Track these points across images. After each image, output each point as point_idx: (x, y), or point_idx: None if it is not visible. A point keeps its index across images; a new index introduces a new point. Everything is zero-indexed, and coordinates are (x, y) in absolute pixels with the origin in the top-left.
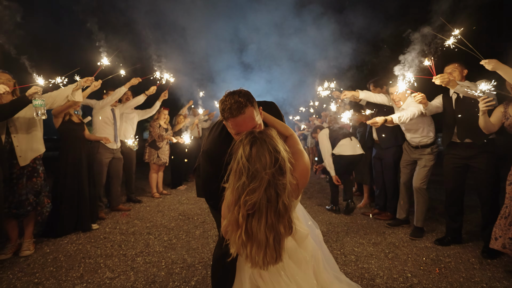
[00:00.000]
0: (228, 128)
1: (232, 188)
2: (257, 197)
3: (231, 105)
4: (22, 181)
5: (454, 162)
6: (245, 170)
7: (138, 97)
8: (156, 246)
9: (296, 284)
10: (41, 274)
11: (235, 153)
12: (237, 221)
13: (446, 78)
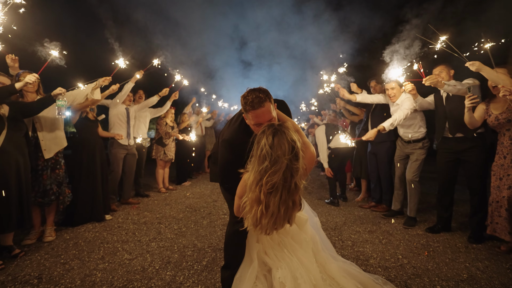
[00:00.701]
0: (247, 120)
1: (254, 171)
2: (277, 178)
3: (253, 99)
4: (47, 172)
5: (446, 156)
6: (268, 156)
7: (152, 98)
8: (168, 233)
9: (297, 258)
10: (66, 256)
11: (258, 142)
12: (258, 198)
13: (435, 79)
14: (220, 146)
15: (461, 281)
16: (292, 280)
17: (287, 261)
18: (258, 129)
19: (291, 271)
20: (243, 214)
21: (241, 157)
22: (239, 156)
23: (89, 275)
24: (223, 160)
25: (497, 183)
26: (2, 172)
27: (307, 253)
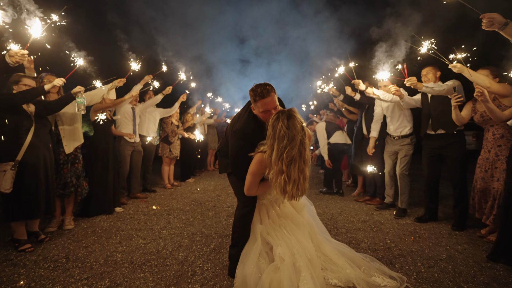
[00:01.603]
0: (255, 110)
1: (276, 149)
2: (294, 152)
3: (262, 90)
4: (67, 166)
5: (430, 152)
6: (286, 135)
7: (156, 96)
8: (177, 223)
9: (295, 237)
10: (86, 241)
11: (273, 126)
12: (281, 170)
13: (414, 82)
14: (231, 137)
15: (440, 260)
16: (290, 255)
17: (286, 240)
18: (265, 116)
19: (289, 248)
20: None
21: (252, 143)
22: (250, 142)
23: (110, 256)
24: (236, 148)
25: (482, 175)
26: (32, 164)
27: (304, 234)
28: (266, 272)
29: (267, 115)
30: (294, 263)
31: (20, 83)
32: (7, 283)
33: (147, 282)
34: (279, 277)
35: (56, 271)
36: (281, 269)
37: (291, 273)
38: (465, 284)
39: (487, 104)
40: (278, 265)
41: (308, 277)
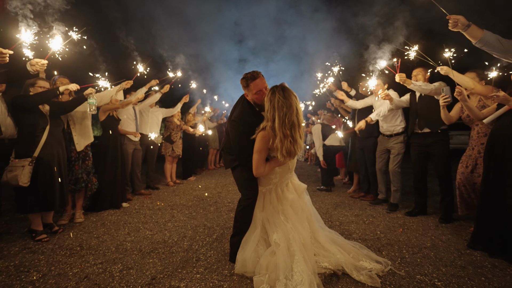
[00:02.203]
0: (249, 95)
1: (277, 117)
2: (293, 117)
3: (252, 73)
4: (79, 163)
5: (417, 149)
6: (284, 104)
7: (155, 95)
8: (180, 216)
9: (292, 224)
10: (97, 232)
11: (270, 100)
12: (286, 134)
13: (403, 78)
14: (231, 126)
15: (424, 248)
16: (285, 241)
17: (282, 227)
18: (259, 97)
19: (284, 235)
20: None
21: (250, 128)
22: (249, 127)
23: (121, 245)
24: (237, 135)
25: (463, 170)
26: (47, 161)
27: (301, 220)
28: (263, 256)
29: (260, 96)
30: (288, 247)
31: (36, 85)
32: (29, 267)
33: (156, 266)
34: (275, 260)
35: (72, 257)
36: (276, 253)
37: (285, 256)
38: (444, 267)
39: (465, 103)
40: (274, 249)
41: (301, 260)
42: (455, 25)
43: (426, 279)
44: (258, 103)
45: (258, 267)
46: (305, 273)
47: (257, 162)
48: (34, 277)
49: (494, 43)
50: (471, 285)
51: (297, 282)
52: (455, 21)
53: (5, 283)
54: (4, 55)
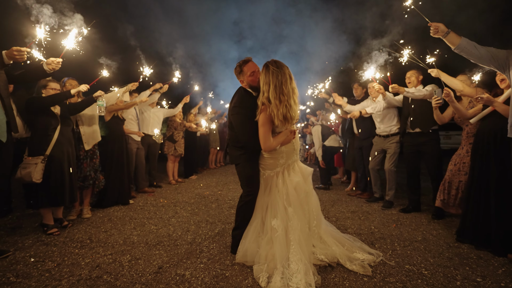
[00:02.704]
0: (245, 79)
1: (272, 86)
2: (288, 83)
3: (243, 60)
4: (87, 161)
5: (410, 149)
6: (277, 72)
7: (154, 95)
8: (183, 213)
9: (293, 208)
10: (104, 227)
11: (266, 72)
12: (283, 100)
13: (396, 88)
14: (232, 113)
15: (415, 241)
16: (284, 228)
17: (282, 213)
18: (254, 79)
19: (283, 222)
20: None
21: (252, 111)
22: (250, 111)
23: (128, 238)
24: (239, 118)
25: (451, 167)
26: (58, 159)
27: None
28: (262, 245)
29: (255, 77)
30: (286, 235)
31: (47, 87)
32: (44, 257)
33: (162, 257)
34: (273, 251)
35: (83, 249)
36: (274, 242)
37: (283, 245)
38: (432, 259)
39: (453, 104)
40: (271, 236)
41: (297, 249)
42: (436, 31)
43: (414, 269)
44: (254, 85)
45: (258, 257)
46: (301, 262)
47: (263, 135)
48: (49, 266)
49: (470, 49)
50: (455, 274)
51: (294, 271)
52: (436, 28)
53: (23, 271)
54: (22, 52)
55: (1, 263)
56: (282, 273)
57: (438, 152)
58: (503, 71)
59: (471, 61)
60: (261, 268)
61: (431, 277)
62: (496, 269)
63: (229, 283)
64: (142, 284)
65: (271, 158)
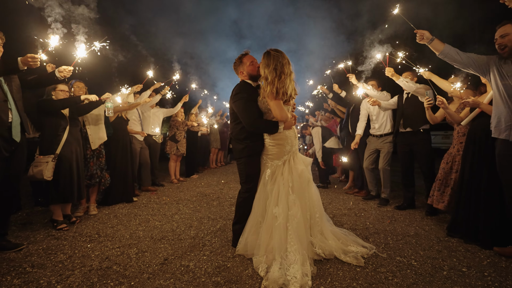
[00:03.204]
0: (245, 69)
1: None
2: (286, 66)
3: (242, 53)
4: (93, 160)
5: (403, 148)
6: (278, 57)
7: (155, 97)
8: (186, 210)
9: (296, 195)
10: (111, 223)
11: (267, 58)
12: (285, 79)
13: (392, 71)
14: (234, 100)
15: (408, 236)
16: (285, 217)
17: (284, 201)
18: (253, 68)
19: (284, 210)
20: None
21: (253, 98)
22: (251, 97)
23: (134, 233)
24: (242, 103)
25: (443, 166)
26: (67, 157)
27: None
28: (261, 234)
29: (254, 66)
30: (286, 224)
31: (57, 89)
32: (56, 250)
33: (167, 250)
34: (273, 242)
35: (92, 243)
36: (273, 230)
37: (282, 236)
38: (422, 251)
39: (447, 110)
40: (271, 223)
41: (294, 239)
42: (421, 38)
43: (404, 260)
44: (254, 74)
45: (257, 248)
46: (299, 252)
47: (278, 107)
48: (61, 258)
49: (453, 55)
50: (443, 265)
51: (291, 261)
52: (421, 35)
53: (38, 262)
54: (36, 59)
55: (17, 255)
56: (280, 263)
57: (429, 151)
58: (484, 75)
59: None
60: (260, 260)
61: (420, 267)
62: (481, 260)
63: (230, 273)
64: (150, 273)
65: (277, 146)
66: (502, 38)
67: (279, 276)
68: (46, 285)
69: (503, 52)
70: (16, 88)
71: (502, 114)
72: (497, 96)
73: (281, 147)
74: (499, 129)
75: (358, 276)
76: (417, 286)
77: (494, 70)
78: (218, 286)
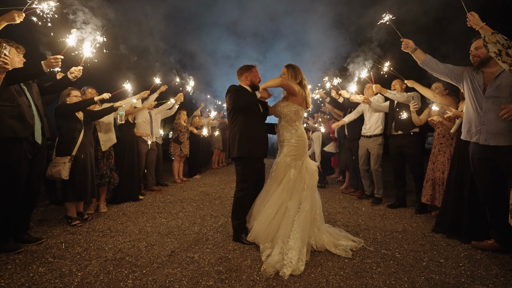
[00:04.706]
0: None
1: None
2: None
3: (253, 64)
4: (104, 161)
5: (394, 150)
6: (299, 69)
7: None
8: (189, 208)
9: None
10: (120, 220)
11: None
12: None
13: (379, 88)
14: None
15: (395, 232)
16: (296, 210)
17: (298, 195)
18: (256, 78)
19: (296, 204)
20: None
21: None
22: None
23: (142, 229)
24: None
25: (431, 166)
26: (82, 158)
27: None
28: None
29: (258, 79)
30: (294, 215)
31: (71, 95)
32: (73, 244)
33: (173, 243)
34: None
35: (105, 237)
36: (282, 220)
37: (288, 225)
38: (406, 245)
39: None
40: (283, 213)
41: (298, 228)
42: (406, 47)
43: (389, 253)
44: (255, 84)
45: (265, 237)
46: (299, 239)
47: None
48: (78, 250)
49: (433, 65)
50: (424, 257)
51: (291, 247)
52: (406, 44)
53: (58, 254)
54: (58, 60)
55: (38, 247)
56: (281, 248)
57: (419, 153)
58: (458, 84)
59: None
60: (266, 246)
61: (402, 259)
62: (459, 253)
63: (231, 263)
64: (159, 263)
65: (298, 148)
66: (476, 50)
67: (277, 260)
68: (68, 272)
69: (474, 62)
70: (36, 94)
71: (473, 120)
72: (468, 103)
73: (302, 148)
74: (471, 133)
75: (346, 266)
76: (397, 274)
77: (468, 80)
78: (220, 274)
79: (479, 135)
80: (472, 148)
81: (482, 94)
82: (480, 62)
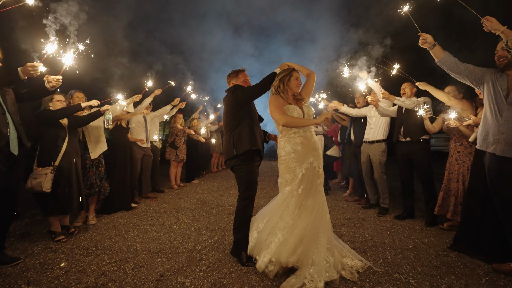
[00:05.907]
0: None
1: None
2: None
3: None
4: (93, 169)
5: (402, 157)
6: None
7: (166, 107)
8: (185, 219)
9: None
10: (109, 234)
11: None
12: None
13: (387, 95)
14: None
15: (406, 249)
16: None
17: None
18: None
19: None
20: None
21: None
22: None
23: (131, 245)
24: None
25: (448, 176)
26: (66, 168)
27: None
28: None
29: (246, 84)
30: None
31: (53, 100)
32: (52, 265)
33: (163, 264)
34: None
35: (89, 256)
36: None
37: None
38: (420, 267)
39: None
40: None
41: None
42: (424, 42)
43: (402, 277)
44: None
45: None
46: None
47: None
48: (58, 273)
49: (452, 64)
50: (441, 283)
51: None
52: (424, 39)
53: (34, 278)
54: (36, 68)
55: (13, 270)
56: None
57: (428, 161)
58: (478, 87)
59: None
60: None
61: (417, 286)
62: (480, 278)
63: None
64: None
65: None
66: (503, 50)
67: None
68: None
69: (500, 63)
70: (11, 101)
71: (491, 128)
72: (487, 109)
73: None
74: (487, 142)
75: None
76: None
77: (489, 83)
78: None
79: (496, 144)
80: (488, 159)
81: (504, 99)
82: (507, 64)
